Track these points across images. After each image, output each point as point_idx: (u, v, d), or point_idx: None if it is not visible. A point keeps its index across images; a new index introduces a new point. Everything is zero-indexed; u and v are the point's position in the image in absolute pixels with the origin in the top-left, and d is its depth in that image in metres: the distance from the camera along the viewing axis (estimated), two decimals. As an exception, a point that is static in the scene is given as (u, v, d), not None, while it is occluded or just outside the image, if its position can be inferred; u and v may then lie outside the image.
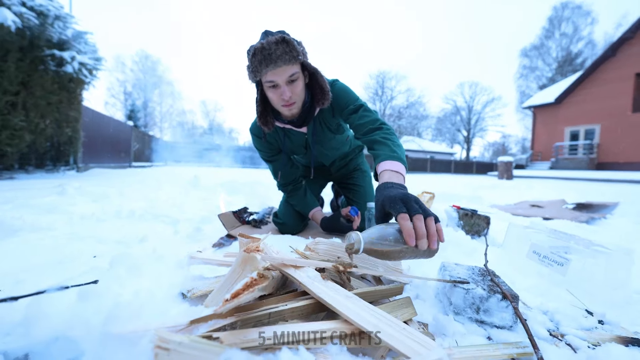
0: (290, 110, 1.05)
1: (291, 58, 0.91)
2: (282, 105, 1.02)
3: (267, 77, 0.94)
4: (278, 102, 1.01)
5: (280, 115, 1.12)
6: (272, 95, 0.99)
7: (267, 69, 0.92)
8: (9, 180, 3.50)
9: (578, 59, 24.41)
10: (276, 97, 0.99)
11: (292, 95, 0.99)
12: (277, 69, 0.92)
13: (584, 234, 1.56)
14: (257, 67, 0.93)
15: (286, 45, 0.90)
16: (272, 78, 0.94)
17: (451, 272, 0.75)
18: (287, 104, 1.01)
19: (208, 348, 0.36)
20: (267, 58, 0.90)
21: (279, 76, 0.94)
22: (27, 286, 0.74)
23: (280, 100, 1.00)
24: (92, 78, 4.98)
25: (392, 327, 0.47)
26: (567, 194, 4.15)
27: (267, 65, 0.91)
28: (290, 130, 1.21)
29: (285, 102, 1.00)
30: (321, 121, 1.18)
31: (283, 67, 0.92)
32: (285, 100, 0.99)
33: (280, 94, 0.97)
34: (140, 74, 27.88)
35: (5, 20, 3.34)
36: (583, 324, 0.66)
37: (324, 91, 1.05)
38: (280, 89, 0.96)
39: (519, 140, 34.62)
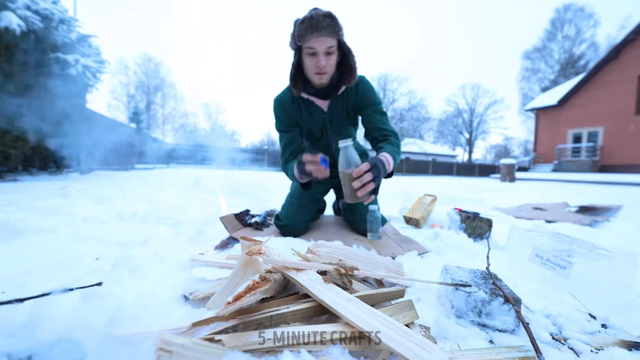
0: (320, 79, 1.16)
1: (333, 32, 1.05)
2: (315, 72, 1.13)
3: (310, 43, 1.07)
4: (313, 68, 1.12)
5: (309, 85, 1.22)
6: (309, 61, 1.11)
7: (311, 36, 1.04)
8: (13, 183, 3.52)
9: (581, 61, 24.35)
10: (312, 64, 1.11)
11: (326, 65, 1.10)
12: (320, 37, 1.05)
13: (587, 237, 1.55)
14: (303, 33, 1.05)
15: (331, 20, 1.04)
16: (313, 45, 1.06)
17: (453, 275, 0.75)
18: (319, 72, 1.12)
19: (210, 350, 0.36)
20: (314, 26, 1.03)
21: (320, 44, 1.06)
22: (31, 288, 0.74)
23: (315, 68, 1.11)
24: (95, 81, 5.03)
25: (394, 330, 0.47)
26: (570, 196, 4.13)
27: (312, 32, 1.04)
28: (312, 104, 1.27)
29: (319, 69, 1.11)
30: (343, 103, 1.27)
31: (325, 38, 1.05)
32: (319, 67, 1.10)
33: (317, 61, 1.09)
34: (143, 76, 28.11)
35: (11, 23, 3.38)
36: (586, 327, 0.65)
37: (351, 70, 1.17)
38: (318, 57, 1.08)
39: (521, 143, 34.49)
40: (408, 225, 1.75)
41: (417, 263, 1.00)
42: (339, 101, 1.26)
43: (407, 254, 1.08)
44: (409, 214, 1.77)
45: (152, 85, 28.39)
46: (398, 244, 1.26)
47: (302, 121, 1.31)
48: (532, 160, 15.79)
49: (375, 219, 1.34)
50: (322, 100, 1.25)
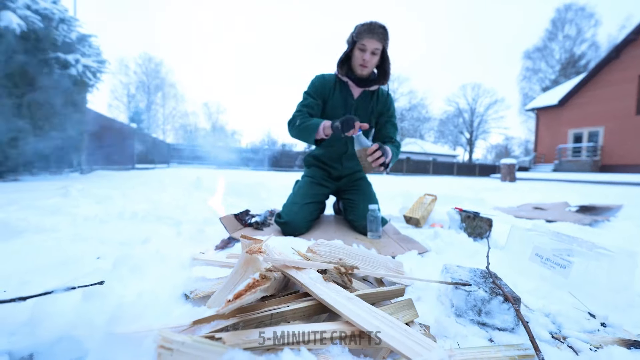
0: (362, 70, 1.44)
1: (382, 39, 1.36)
2: (360, 64, 1.42)
3: (363, 41, 1.36)
4: (359, 60, 1.41)
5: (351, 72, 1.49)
6: (358, 54, 1.40)
7: (366, 36, 1.35)
8: (14, 182, 3.53)
9: (581, 61, 24.29)
10: (360, 56, 1.40)
11: (369, 61, 1.40)
12: (371, 39, 1.35)
13: (587, 236, 1.55)
14: (361, 32, 1.35)
15: (383, 30, 1.36)
16: (365, 43, 1.36)
17: (453, 274, 0.75)
18: (363, 65, 1.42)
19: (211, 348, 0.36)
20: (370, 30, 1.34)
21: (370, 44, 1.36)
22: (32, 287, 0.74)
23: (361, 60, 1.40)
24: (96, 81, 5.03)
25: (394, 329, 0.48)
26: (570, 196, 4.13)
27: (368, 33, 1.35)
28: (346, 87, 1.53)
29: (364, 62, 1.41)
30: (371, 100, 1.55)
31: (374, 41, 1.35)
32: (364, 61, 1.40)
33: (364, 55, 1.39)
34: (144, 76, 28.13)
35: (11, 23, 3.39)
36: (585, 326, 0.66)
37: (386, 74, 1.49)
38: (365, 53, 1.38)
39: (522, 143, 34.45)
40: (408, 224, 1.75)
41: (417, 262, 1.00)
42: (368, 96, 1.54)
43: (407, 253, 1.08)
44: (409, 213, 1.77)
45: (152, 85, 28.41)
46: (398, 243, 1.26)
47: (333, 99, 1.53)
48: (533, 160, 15.77)
49: (375, 219, 1.34)
50: (355, 87, 1.52)
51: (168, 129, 30.58)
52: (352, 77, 1.49)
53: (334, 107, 1.53)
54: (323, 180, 1.64)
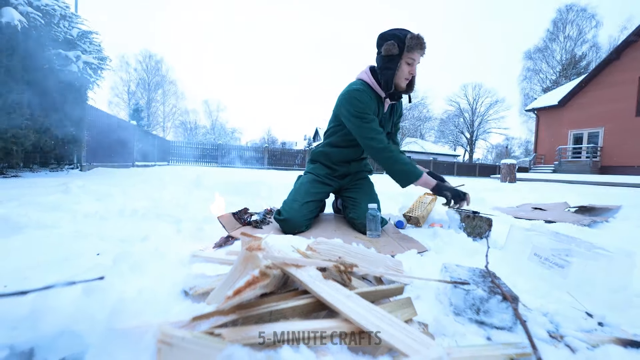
0: (405, 83, 1.42)
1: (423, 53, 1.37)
2: (405, 78, 1.40)
3: (413, 55, 1.35)
4: (406, 75, 1.39)
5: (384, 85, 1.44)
6: (406, 68, 1.37)
7: (418, 51, 1.35)
8: (14, 179, 3.53)
9: (582, 62, 24.25)
10: (407, 71, 1.38)
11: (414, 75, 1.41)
12: (421, 54, 1.37)
13: (586, 237, 1.55)
14: (412, 47, 1.33)
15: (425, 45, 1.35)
16: (415, 57, 1.36)
17: (452, 273, 0.75)
18: (408, 79, 1.41)
19: (210, 344, 0.37)
20: (421, 45, 1.34)
21: (418, 58, 1.38)
22: (33, 282, 0.75)
23: (408, 74, 1.39)
24: (96, 77, 5.02)
25: (393, 327, 0.48)
26: (569, 197, 4.13)
27: (420, 49, 1.34)
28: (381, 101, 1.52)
29: (409, 76, 1.40)
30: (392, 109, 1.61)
31: (421, 56, 1.37)
32: (411, 74, 1.40)
33: (411, 70, 1.38)
34: (144, 73, 28.07)
35: (12, 19, 3.38)
36: (583, 325, 0.66)
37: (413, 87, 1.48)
38: (413, 67, 1.38)
39: (522, 143, 34.44)
40: (408, 224, 1.76)
41: (417, 261, 1.01)
42: (393, 107, 1.60)
43: (407, 252, 1.09)
44: (408, 212, 1.77)
45: (152, 82, 28.36)
46: (397, 243, 1.26)
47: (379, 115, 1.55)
48: (533, 161, 15.77)
49: (374, 218, 1.34)
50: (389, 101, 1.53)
51: (168, 127, 30.57)
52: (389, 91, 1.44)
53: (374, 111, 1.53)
54: (327, 179, 1.63)
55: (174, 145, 14.92)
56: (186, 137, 30.53)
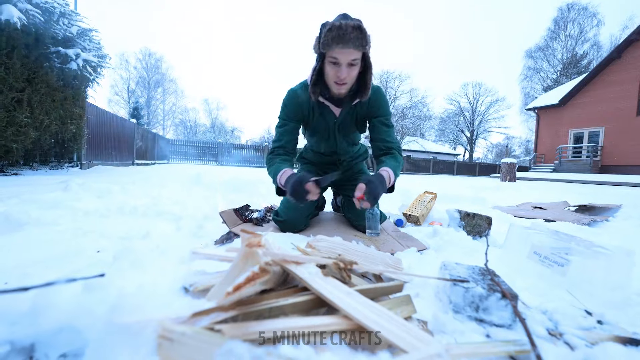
0: (339, 89, 1.14)
1: (359, 45, 1.02)
2: (335, 82, 1.11)
3: (334, 53, 1.04)
4: (333, 78, 1.10)
5: (326, 90, 1.20)
6: (331, 70, 1.09)
7: (336, 47, 1.01)
8: (14, 176, 3.53)
9: (583, 60, 24.20)
10: (333, 74, 1.09)
11: (346, 77, 1.08)
12: (344, 49, 1.01)
13: (586, 236, 1.55)
14: (329, 42, 1.01)
15: (360, 32, 1.00)
16: (337, 55, 1.03)
17: (451, 271, 0.75)
18: (339, 83, 1.11)
19: (210, 339, 0.37)
20: (341, 37, 0.99)
21: (344, 56, 1.03)
22: (33, 279, 0.75)
23: (336, 77, 1.09)
24: (96, 75, 5.01)
25: (392, 324, 0.48)
26: (569, 196, 4.13)
27: (338, 44, 1.00)
28: (326, 108, 1.28)
29: (340, 80, 1.09)
30: (355, 111, 1.29)
31: (350, 50, 1.02)
32: (340, 78, 1.08)
33: (338, 72, 1.07)
34: (144, 71, 28.02)
35: (11, 17, 3.37)
36: (582, 323, 0.66)
37: (366, 87, 1.17)
38: (340, 68, 1.06)
39: (522, 142, 34.41)
40: (408, 222, 1.76)
41: (416, 259, 1.01)
42: (351, 109, 1.29)
43: (406, 250, 1.09)
44: (408, 211, 1.77)
45: (152, 80, 28.31)
46: (397, 241, 1.27)
47: (313, 121, 1.33)
48: (533, 160, 15.77)
49: (374, 217, 1.34)
50: (335, 106, 1.27)
51: (168, 125, 30.54)
52: (328, 96, 1.21)
53: (316, 131, 1.36)
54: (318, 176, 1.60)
55: (174, 143, 14.91)
56: (186, 136, 30.52)
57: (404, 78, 27.74)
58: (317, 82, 1.17)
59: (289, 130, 1.31)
